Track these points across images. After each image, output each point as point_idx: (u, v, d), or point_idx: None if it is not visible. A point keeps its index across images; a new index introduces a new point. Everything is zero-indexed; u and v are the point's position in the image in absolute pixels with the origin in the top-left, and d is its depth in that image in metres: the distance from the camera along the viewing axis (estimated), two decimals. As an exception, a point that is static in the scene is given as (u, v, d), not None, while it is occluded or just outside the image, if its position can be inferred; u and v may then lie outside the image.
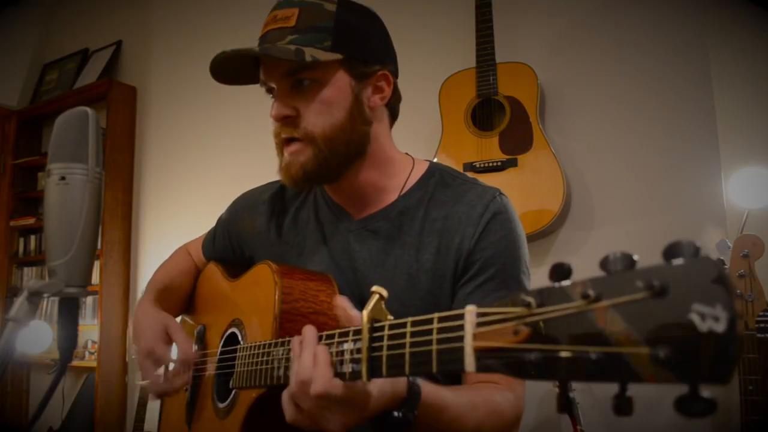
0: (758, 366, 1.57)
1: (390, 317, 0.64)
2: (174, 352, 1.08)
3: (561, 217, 2.12)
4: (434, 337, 0.55)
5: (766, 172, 1.89)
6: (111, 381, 3.26)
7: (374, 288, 0.65)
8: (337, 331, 0.70)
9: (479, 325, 0.50)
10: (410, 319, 0.59)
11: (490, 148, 2.14)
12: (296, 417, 0.71)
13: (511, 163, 2.10)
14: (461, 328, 0.52)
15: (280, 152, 0.98)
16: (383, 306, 0.65)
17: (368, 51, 0.97)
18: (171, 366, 1.07)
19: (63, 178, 0.76)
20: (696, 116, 2.04)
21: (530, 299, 0.45)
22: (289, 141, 0.95)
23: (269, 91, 0.98)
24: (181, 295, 1.26)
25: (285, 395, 0.72)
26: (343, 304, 0.75)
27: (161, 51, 3.57)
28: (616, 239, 2.10)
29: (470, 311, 0.52)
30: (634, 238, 2.05)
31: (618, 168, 2.15)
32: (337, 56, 0.92)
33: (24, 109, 3.97)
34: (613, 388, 0.42)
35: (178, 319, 1.28)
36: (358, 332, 0.66)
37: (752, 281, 1.62)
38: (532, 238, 2.10)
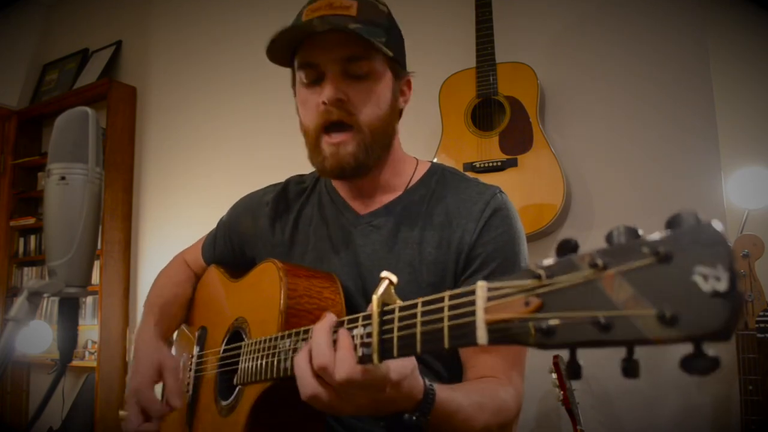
0: (758, 366, 1.57)
1: (399, 301, 0.64)
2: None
3: (561, 217, 2.12)
4: (445, 314, 0.56)
5: (766, 172, 1.89)
6: (111, 381, 3.26)
7: (384, 273, 0.65)
8: (346, 318, 0.70)
9: (490, 299, 0.51)
10: (420, 299, 0.60)
11: (490, 148, 2.14)
12: (315, 394, 0.68)
13: (511, 163, 2.10)
14: (473, 303, 0.53)
15: (316, 140, 0.97)
16: (393, 291, 0.65)
17: (404, 55, 1.03)
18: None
19: (63, 178, 0.76)
20: (696, 116, 2.04)
21: (540, 271, 0.47)
22: (331, 128, 0.96)
23: (310, 73, 0.96)
24: (180, 308, 1.26)
25: (303, 372, 0.69)
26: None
27: (161, 51, 3.57)
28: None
29: (481, 286, 0.53)
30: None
31: (618, 168, 2.15)
32: (390, 53, 0.95)
33: (24, 109, 3.96)
34: (613, 387, 0.42)
35: (175, 333, 1.28)
36: (367, 317, 0.66)
37: (752, 281, 1.62)
38: (532, 237, 2.10)
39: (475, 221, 0.97)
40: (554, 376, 1.84)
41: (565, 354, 0.51)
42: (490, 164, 2.12)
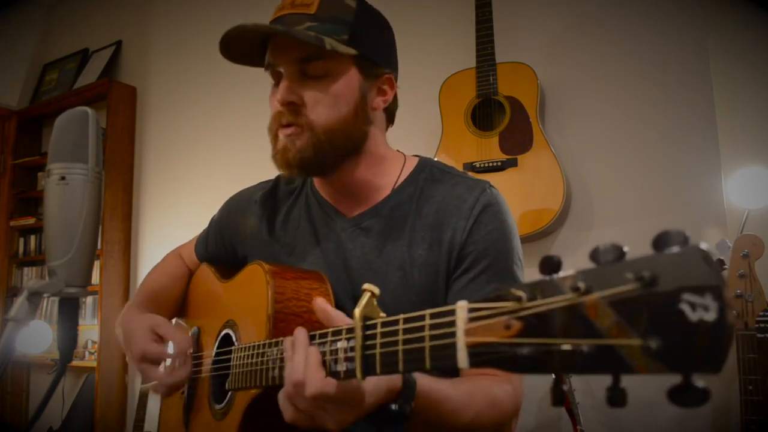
0: (758, 366, 1.57)
1: (382, 315, 0.63)
2: (169, 347, 1.07)
3: (561, 217, 2.12)
4: (426, 333, 0.55)
5: (766, 172, 1.89)
6: (111, 381, 3.26)
7: (366, 286, 0.65)
8: (330, 330, 0.70)
9: (471, 320, 0.50)
10: (402, 316, 0.59)
11: (490, 148, 2.14)
12: (294, 416, 0.71)
13: (511, 163, 2.10)
14: (453, 324, 0.52)
15: (275, 136, 0.96)
16: (375, 303, 0.64)
17: (379, 52, 0.98)
18: (168, 362, 1.05)
19: (63, 178, 0.76)
20: (696, 116, 2.04)
21: (521, 293, 0.45)
22: (287, 126, 0.94)
23: (274, 75, 0.97)
24: (171, 299, 1.25)
25: (281, 396, 0.72)
26: (321, 306, 0.74)
27: (161, 51, 3.57)
28: (616, 239, 2.08)
29: (461, 307, 0.52)
30: (634, 238, 2.05)
31: (618, 168, 2.15)
32: (353, 51, 0.92)
33: (24, 109, 3.97)
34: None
35: (172, 322, 1.27)
36: (351, 330, 0.65)
37: (752, 281, 1.62)
38: (532, 238, 2.10)
39: (465, 219, 0.95)
40: (554, 375, 1.84)
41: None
42: (490, 164, 2.12)
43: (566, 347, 0.42)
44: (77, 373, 3.52)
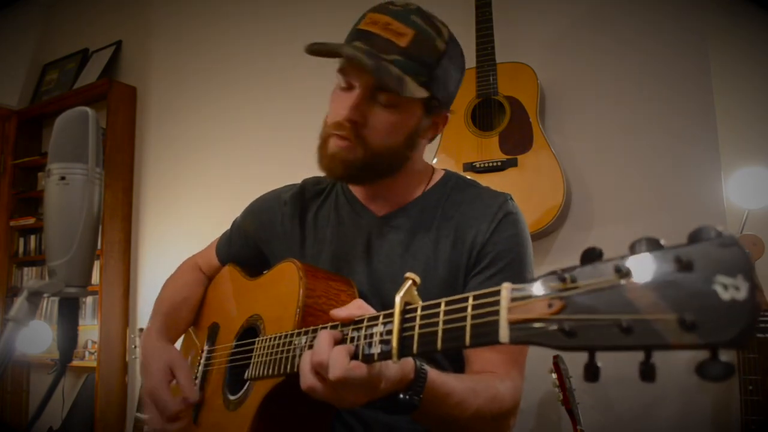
0: (758, 366, 1.57)
1: (421, 302, 0.66)
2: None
3: (561, 217, 2.12)
4: (468, 313, 0.58)
5: (766, 172, 1.89)
6: (111, 381, 3.26)
7: (408, 274, 0.68)
8: (367, 316, 0.72)
9: (514, 299, 0.53)
10: (444, 299, 0.62)
11: (490, 148, 2.14)
12: (311, 387, 0.73)
13: (511, 163, 2.10)
14: (497, 303, 0.54)
15: (326, 139, 1.00)
16: (415, 292, 0.67)
17: (447, 96, 1.02)
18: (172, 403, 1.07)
19: (63, 178, 0.76)
20: (696, 116, 2.04)
21: (565, 274, 0.48)
22: (342, 137, 0.98)
23: (345, 80, 0.98)
24: (188, 310, 1.28)
25: (304, 365, 0.73)
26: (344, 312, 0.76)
27: (161, 51, 3.57)
28: (616, 239, 2.09)
29: (506, 287, 0.54)
30: (634, 238, 2.05)
31: (618, 168, 2.15)
32: (425, 94, 0.95)
33: (24, 109, 3.96)
34: (613, 387, 0.43)
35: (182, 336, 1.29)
36: (389, 315, 0.68)
37: (752, 281, 1.62)
38: (532, 237, 2.09)
39: (488, 222, 1.01)
40: (554, 376, 1.84)
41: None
42: (490, 164, 2.12)
43: (606, 322, 0.44)
44: (77, 373, 3.52)
